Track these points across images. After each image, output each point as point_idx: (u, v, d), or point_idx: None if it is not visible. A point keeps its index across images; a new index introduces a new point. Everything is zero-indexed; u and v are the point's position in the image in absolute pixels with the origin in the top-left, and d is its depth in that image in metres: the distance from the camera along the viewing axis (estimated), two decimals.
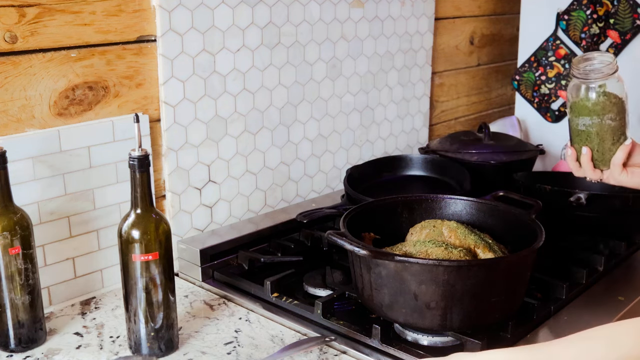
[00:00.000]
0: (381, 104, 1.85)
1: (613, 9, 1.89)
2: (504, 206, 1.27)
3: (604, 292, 1.30)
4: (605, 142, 1.18)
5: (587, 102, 1.18)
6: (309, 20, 1.59)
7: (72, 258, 1.27)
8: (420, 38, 1.92)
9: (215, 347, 1.12)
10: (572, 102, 1.21)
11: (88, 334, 1.16)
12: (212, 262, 1.37)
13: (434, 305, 1.03)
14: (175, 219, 1.41)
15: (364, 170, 1.69)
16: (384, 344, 1.09)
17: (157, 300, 1.06)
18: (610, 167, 1.19)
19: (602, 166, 1.21)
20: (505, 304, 1.07)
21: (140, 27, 1.30)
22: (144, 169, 1.02)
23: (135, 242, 1.02)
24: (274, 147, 1.59)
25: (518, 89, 2.10)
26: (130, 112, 1.31)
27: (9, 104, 1.15)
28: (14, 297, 1.07)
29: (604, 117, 1.17)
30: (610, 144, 1.18)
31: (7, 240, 1.04)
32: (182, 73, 1.36)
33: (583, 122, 1.19)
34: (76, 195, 1.25)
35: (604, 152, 1.19)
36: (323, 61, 1.65)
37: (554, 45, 1.99)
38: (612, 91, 1.17)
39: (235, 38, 1.44)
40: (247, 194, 1.55)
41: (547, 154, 2.03)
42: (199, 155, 1.43)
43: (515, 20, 2.24)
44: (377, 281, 1.06)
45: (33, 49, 1.16)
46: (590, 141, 1.19)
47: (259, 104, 1.53)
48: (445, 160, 1.72)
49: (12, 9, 1.12)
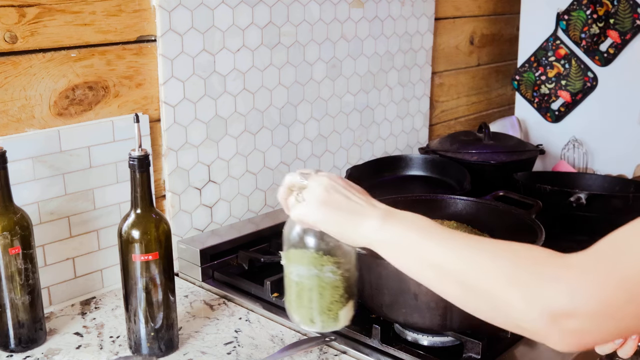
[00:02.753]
0: (381, 104, 1.85)
1: (613, 9, 1.89)
2: (504, 206, 1.27)
3: None
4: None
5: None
6: (309, 20, 1.59)
7: (72, 258, 1.27)
8: (420, 38, 1.92)
9: (215, 347, 1.12)
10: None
11: (88, 334, 1.16)
12: (212, 262, 1.37)
13: (434, 305, 1.03)
14: (175, 219, 1.41)
15: (364, 170, 1.69)
16: (384, 344, 1.09)
17: (157, 300, 1.06)
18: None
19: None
20: None
21: (140, 27, 1.30)
22: (144, 169, 1.02)
23: (135, 242, 1.02)
24: (274, 147, 1.58)
25: (518, 89, 2.10)
26: (130, 112, 1.31)
27: (9, 104, 1.15)
28: (14, 297, 1.07)
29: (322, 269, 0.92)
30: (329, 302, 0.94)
31: (7, 240, 1.04)
32: (182, 73, 1.36)
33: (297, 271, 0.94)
34: (76, 195, 1.25)
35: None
36: (323, 61, 1.65)
37: (554, 45, 1.99)
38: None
39: (235, 38, 1.44)
40: (247, 194, 1.55)
41: (547, 154, 2.03)
42: (199, 155, 1.43)
43: (515, 20, 2.24)
44: (377, 281, 1.06)
45: (33, 49, 1.16)
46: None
47: (259, 104, 1.53)
48: (445, 160, 1.72)
49: (12, 9, 1.12)
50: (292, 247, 0.93)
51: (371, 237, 0.83)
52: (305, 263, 0.92)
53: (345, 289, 0.93)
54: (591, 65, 1.96)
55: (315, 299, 0.93)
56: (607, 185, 1.61)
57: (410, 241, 0.80)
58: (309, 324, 0.95)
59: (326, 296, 0.92)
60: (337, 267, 0.92)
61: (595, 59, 1.95)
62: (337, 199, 0.84)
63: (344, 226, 0.84)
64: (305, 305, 0.94)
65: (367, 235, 0.83)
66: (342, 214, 0.83)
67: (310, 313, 0.94)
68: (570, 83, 1.99)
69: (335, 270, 0.92)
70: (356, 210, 0.83)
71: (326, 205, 0.84)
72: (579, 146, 1.99)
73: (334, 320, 0.94)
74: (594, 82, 1.96)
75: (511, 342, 1.10)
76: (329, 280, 0.92)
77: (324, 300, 0.93)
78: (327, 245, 0.91)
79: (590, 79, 1.96)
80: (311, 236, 0.91)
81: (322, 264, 0.91)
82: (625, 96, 1.92)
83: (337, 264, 0.92)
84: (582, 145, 1.99)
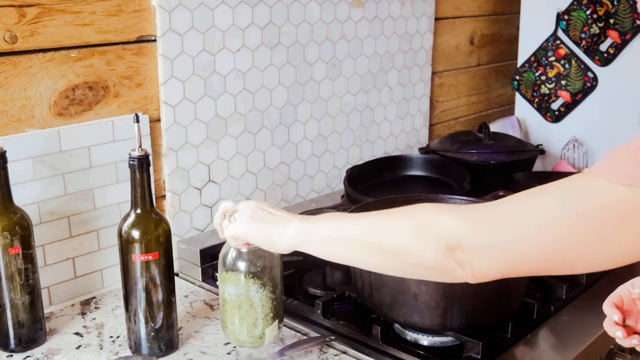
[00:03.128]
0: (381, 104, 1.85)
1: (613, 9, 1.89)
2: None
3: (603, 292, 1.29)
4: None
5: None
6: (309, 20, 1.59)
7: (72, 258, 1.27)
8: (420, 38, 1.92)
9: (215, 347, 1.12)
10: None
11: (88, 334, 1.16)
12: (212, 262, 1.37)
13: (434, 305, 1.03)
14: (175, 219, 1.41)
15: (364, 170, 1.69)
16: (384, 344, 1.09)
17: (157, 300, 1.06)
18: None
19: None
20: (505, 304, 1.07)
21: (140, 27, 1.30)
22: (144, 169, 1.02)
23: (135, 242, 1.02)
24: (274, 147, 1.58)
25: (518, 89, 2.10)
26: (130, 112, 1.31)
27: (9, 104, 1.15)
28: (14, 297, 1.07)
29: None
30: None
31: (7, 240, 1.04)
32: (182, 73, 1.36)
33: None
34: (76, 195, 1.25)
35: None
36: (323, 61, 1.65)
37: (554, 45, 1.99)
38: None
39: (235, 38, 1.44)
40: (247, 194, 1.55)
41: (547, 154, 2.03)
42: (199, 155, 1.43)
43: (515, 20, 2.24)
44: (377, 281, 1.06)
45: (33, 49, 1.16)
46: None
47: (259, 104, 1.53)
48: (445, 160, 1.72)
49: (12, 9, 1.12)
50: (225, 269, 1.05)
51: (294, 238, 0.93)
52: (235, 284, 1.04)
53: (270, 308, 1.05)
54: (591, 65, 1.96)
55: (243, 316, 1.04)
56: None
57: (328, 230, 0.91)
58: (237, 339, 1.07)
59: (252, 314, 1.04)
60: (263, 288, 1.04)
61: (595, 59, 1.95)
62: (263, 215, 0.96)
63: (271, 234, 0.95)
64: (236, 322, 1.05)
65: (290, 238, 0.93)
66: (268, 225, 0.95)
67: (239, 330, 1.06)
68: (570, 83, 1.99)
69: (261, 291, 1.04)
70: (279, 220, 0.95)
71: (253, 220, 0.96)
72: (579, 146, 1.99)
73: (259, 337, 1.06)
74: (594, 82, 1.96)
75: (511, 342, 1.10)
76: (255, 299, 1.04)
77: (250, 318, 1.04)
78: (256, 269, 1.03)
79: (590, 79, 1.96)
80: (241, 260, 1.03)
81: (250, 285, 1.03)
82: (625, 96, 1.92)
83: (264, 285, 1.04)
84: (582, 145, 1.99)
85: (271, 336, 1.07)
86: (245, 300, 1.04)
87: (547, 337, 1.14)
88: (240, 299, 1.04)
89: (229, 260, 1.04)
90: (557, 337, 1.14)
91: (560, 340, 1.13)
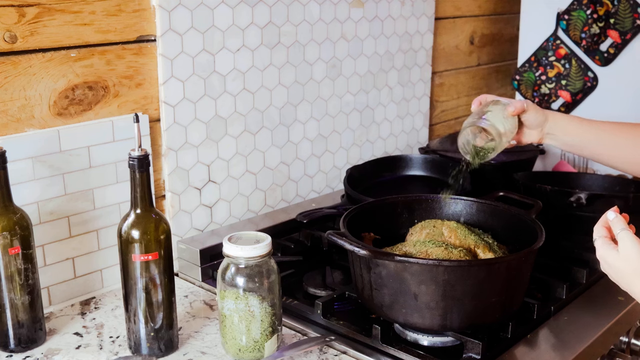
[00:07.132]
0: (381, 104, 1.85)
1: (613, 8, 1.89)
2: (504, 206, 1.27)
3: (604, 292, 1.30)
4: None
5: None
6: (309, 20, 1.59)
7: (72, 258, 1.27)
8: (420, 38, 1.92)
9: (215, 347, 1.12)
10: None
11: (88, 334, 1.16)
12: (212, 262, 1.37)
13: (434, 305, 1.03)
14: (175, 219, 1.41)
15: (364, 170, 1.69)
16: (384, 344, 1.09)
17: (157, 300, 1.06)
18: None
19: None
20: (505, 304, 1.07)
21: (140, 27, 1.30)
22: (144, 169, 1.02)
23: (135, 242, 1.02)
24: (274, 147, 1.58)
25: (518, 89, 2.10)
26: (130, 112, 1.31)
27: (9, 104, 1.15)
28: (14, 297, 1.07)
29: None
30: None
31: (7, 240, 1.04)
32: (182, 73, 1.36)
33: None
34: (76, 195, 1.25)
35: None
36: (323, 61, 1.65)
37: (554, 45, 1.99)
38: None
39: (235, 38, 1.44)
40: (247, 194, 1.55)
41: (547, 154, 2.03)
42: (199, 155, 1.43)
43: (515, 20, 2.24)
44: (377, 281, 1.06)
45: (33, 48, 1.16)
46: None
47: (259, 104, 1.53)
48: (445, 160, 1.72)
49: (12, 8, 1.12)
50: (224, 286, 1.05)
51: None
52: (235, 299, 1.04)
53: (269, 323, 1.06)
54: (591, 65, 1.96)
55: (243, 331, 1.05)
56: (607, 185, 1.61)
57: None
58: (237, 353, 1.07)
59: (252, 329, 1.05)
60: (262, 303, 1.04)
61: (595, 58, 1.95)
62: None
63: None
64: (236, 336, 1.06)
65: None
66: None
67: (238, 344, 1.06)
68: (571, 83, 1.99)
69: (260, 306, 1.04)
70: None
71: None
72: None
73: (258, 351, 1.06)
74: (594, 82, 1.96)
75: (511, 342, 1.10)
76: (255, 314, 1.04)
77: (250, 332, 1.05)
78: (254, 284, 1.04)
79: (590, 78, 1.96)
80: (240, 276, 1.04)
81: (249, 300, 1.03)
82: (625, 96, 1.92)
83: (262, 300, 1.04)
84: None
85: (270, 350, 1.07)
86: (245, 315, 1.04)
87: (547, 337, 1.14)
88: (239, 314, 1.04)
89: (228, 276, 1.04)
90: (557, 337, 1.14)
91: (560, 340, 1.13)
